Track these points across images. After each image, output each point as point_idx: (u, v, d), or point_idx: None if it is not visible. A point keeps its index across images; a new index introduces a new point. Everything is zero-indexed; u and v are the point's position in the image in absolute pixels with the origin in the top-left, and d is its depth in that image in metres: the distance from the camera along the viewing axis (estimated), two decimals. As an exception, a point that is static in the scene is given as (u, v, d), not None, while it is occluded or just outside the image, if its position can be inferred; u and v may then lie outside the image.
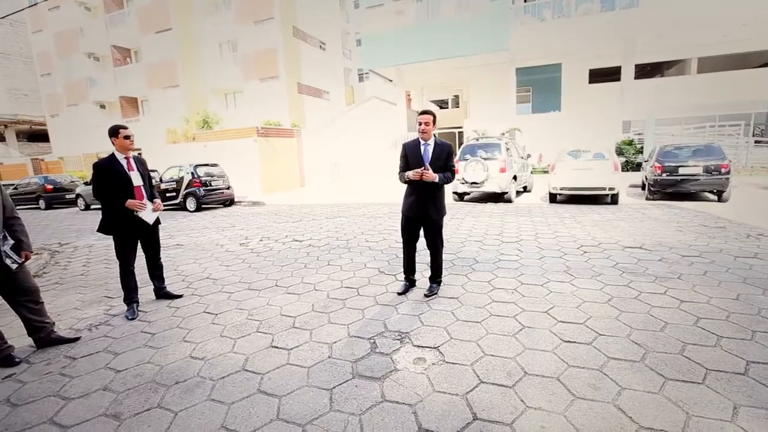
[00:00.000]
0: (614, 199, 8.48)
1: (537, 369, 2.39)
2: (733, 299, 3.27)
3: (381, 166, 18.28)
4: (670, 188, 8.45)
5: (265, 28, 19.02)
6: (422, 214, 3.55)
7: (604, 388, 2.18)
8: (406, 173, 3.44)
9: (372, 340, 2.86)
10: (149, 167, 3.94)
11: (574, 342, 2.69)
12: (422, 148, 3.51)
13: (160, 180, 12.24)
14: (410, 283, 3.89)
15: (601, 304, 3.31)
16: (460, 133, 19.61)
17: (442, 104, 33.96)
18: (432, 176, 3.33)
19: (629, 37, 15.16)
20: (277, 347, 2.84)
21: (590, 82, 19.43)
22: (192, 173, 11.67)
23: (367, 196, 12.33)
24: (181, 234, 7.86)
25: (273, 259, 5.43)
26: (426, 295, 3.63)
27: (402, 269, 4.03)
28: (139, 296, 3.74)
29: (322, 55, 23.37)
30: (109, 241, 5.70)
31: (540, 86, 19.64)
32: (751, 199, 8.52)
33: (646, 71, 20.06)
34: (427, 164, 3.42)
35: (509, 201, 9.65)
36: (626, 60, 15.79)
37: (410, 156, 3.50)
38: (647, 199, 8.96)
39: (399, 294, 3.75)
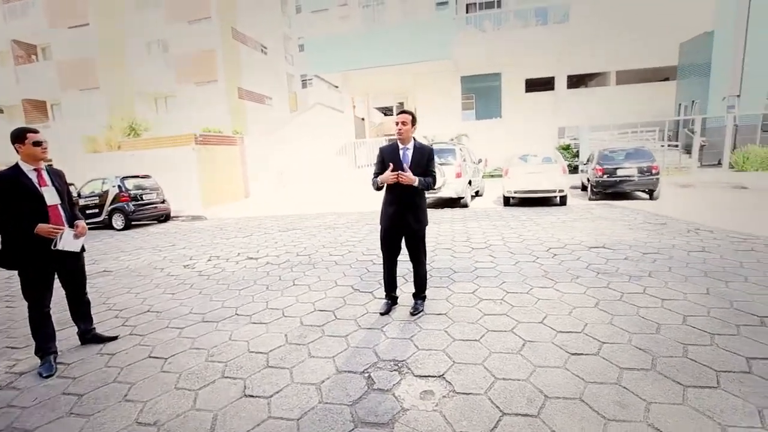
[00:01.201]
0: (563, 201, 8.90)
1: (556, 390, 2.18)
2: (704, 294, 3.39)
3: (329, 174, 17.78)
4: (610, 189, 9.08)
5: (201, 29, 17.70)
6: (403, 224, 3.26)
7: (631, 405, 2.02)
8: (380, 177, 3.14)
9: (366, 374, 2.49)
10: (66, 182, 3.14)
11: (582, 354, 2.55)
12: (401, 152, 3.22)
13: (78, 195, 10.66)
14: (392, 300, 3.56)
15: (590, 308, 3.25)
16: (409, 139, 19.74)
17: (387, 111, 34.28)
18: (410, 178, 3.05)
19: (561, 49, 16.36)
20: (252, 396, 2.35)
21: (527, 91, 20.71)
22: (119, 186, 10.31)
23: (319, 206, 11.79)
24: (108, 257, 6.79)
25: (227, 282, 4.79)
26: (412, 314, 3.33)
27: (381, 286, 3.71)
28: (57, 344, 2.98)
29: (264, 60, 22.36)
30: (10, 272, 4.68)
31: (482, 94, 20.51)
32: (674, 196, 9.43)
33: (572, 82, 21.89)
34: (405, 167, 3.15)
35: (465, 206, 9.74)
36: (559, 71, 17.02)
37: (388, 161, 3.17)
38: (590, 199, 9.55)
39: (382, 314, 3.41)
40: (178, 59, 18.22)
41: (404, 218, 3.23)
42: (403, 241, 3.38)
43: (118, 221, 10.28)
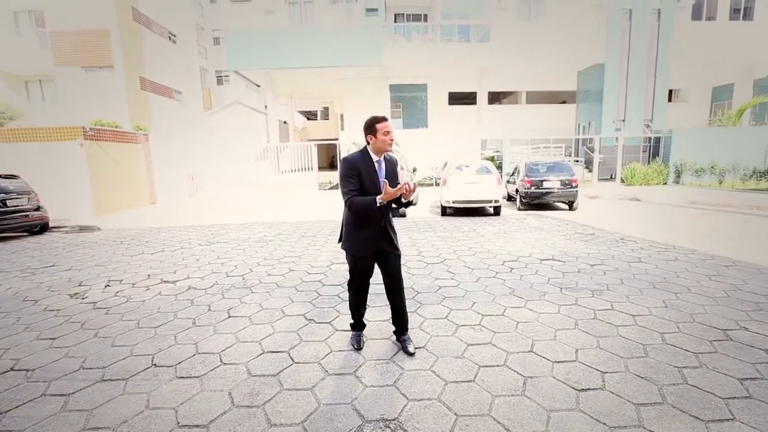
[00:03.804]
0: (497, 211, 9.19)
1: (585, 445, 1.87)
2: (664, 307, 3.49)
3: (249, 180, 16.32)
4: (536, 200, 9.65)
5: (90, 3, 14.91)
6: (381, 249, 2.71)
7: (668, 457, 1.79)
8: (382, 195, 2.45)
9: (354, 448, 1.91)
10: None
11: (589, 389, 2.31)
12: (377, 165, 2.66)
13: None
14: (361, 331, 3.01)
15: (572, 330, 3.09)
16: (338, 144, 19.20)
17: (310, 116, 33.23)
18: (411, 194, 2.52)
19: (482, 66, 17.38)
20: (195, 507, 1.61)
21: (450, 103, 21.69)
22: (-31, 189, 7.93)
23: (242, 215, 10.59)
24: (-51, 286, 4.99)
25: (135, 316, 3.73)
26: (412, 354, 2.78)
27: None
28: None
29: (173, 49, 19.84)
30: None
31: (409, 103, 20.90)
32: (587, 207, 10.42)
33: (490, 98, 23.61)
34: (382, 180, 2.64)
35: (403, 215, 9.54)
36: (480, 87, 18.07)
37: (365, 176, 2.59)
38: (519, 209, 10.06)
39: (357, 350, 2.84)
40: (57, 36, 15.09)
41: (382, 241, 2.70)
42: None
43: (-34, 234, 7.88)
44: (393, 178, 2.69)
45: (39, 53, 15.70)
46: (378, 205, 2.48)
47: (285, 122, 24.62)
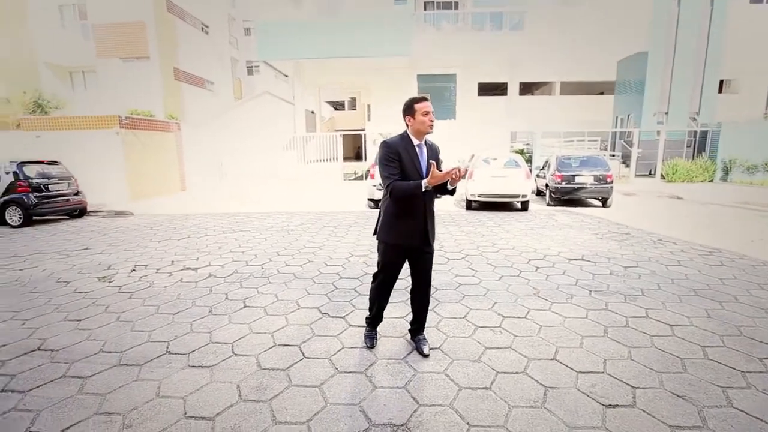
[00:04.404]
0: (525, 206, 8.83)
1: (610, 469, 1.70)
2: (707, 318, 3.18)
3: (275, 169, 16.54)
4: (567, 195, 9.20)
5: (128, -4, 15.43)
6: (422, 240, 2.53)
7: (707, 490, 1.59)
8: (428, 179, 2.26)
9: (358, 454, 1.83)
10: None
11: (617, 405, 2.11)
12: (417, 149, 2.48)
13: (-42, 183, 8.56)
14: (376, 328, 2.92)
15: (601, 338, 2.87)
16: (365, 135, 19.10)
17: (337, 106, 33.26)
18: (459, 179, 2.32)
19: (514, 55, 16.69)
20: (191, 505, 1.58)
21: (479, 94, 21.04)
22: (16, 173, 8.43)
23: (267, 203, 10.73)
24: (-7, 265, 5.31)
25: (155, 302, 3.80)
26: (426, 355, 2.66)
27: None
28: None
29: (205, 40, 20.27)
30: None
31: (437, 94, 20.42)
32: (622, 204, 9.83)
33: (521, 89, 22.73)
34: (424, 169, 2.45)
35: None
36: (512, 77, 17.38)
37: (406, 160, 2.42)
38: (548, 205, 9.63)
39: (369, 348, 2.76)
40: (99, 29, 15.73)
41: (422, 235, 2.52)
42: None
43: (13, 216, 8.39)
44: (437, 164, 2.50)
45: (82, 45, 16.43)
46: (424, 189, 2.31)
47: (312, 112, 24.77)
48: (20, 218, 8.36)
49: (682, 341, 2.80)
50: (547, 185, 9.75)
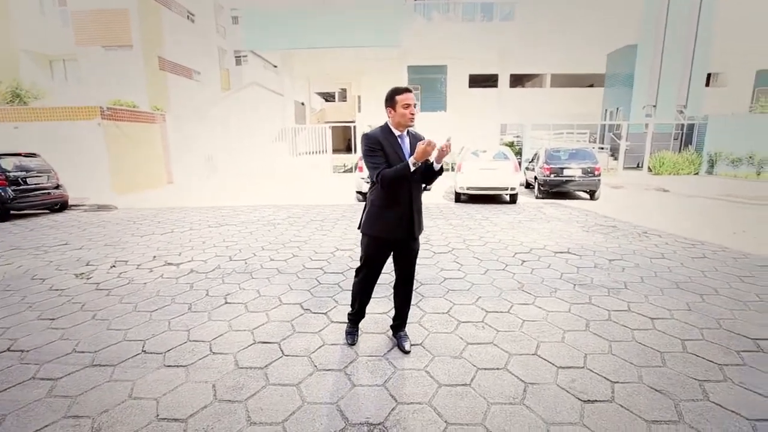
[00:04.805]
0: (513, 199, 8.84)
1: (586, 467, 1.69)
2: (687, 311, 3.20)
3: (265, 162, 16.32)
4: (555, 188, 9.23)
5: (108, -19, 14.89)
6: (408, 232, 2.45)
7: (681, 486, 1.59)
8: (414, 156, 2.19)
9: (333, 455, 1.79)
10: None
11: (596, 401, 2.10)
12: (399, 140, 2.40)
13: (-69, 176, 8.25)
14: (358, 324, 2.88)
15: (582, 332, 2.87)
16: (355, 127, 18.93)
17: (328, 97, 32.88)
18: (446, 154, 2.25)
19: (504, 47, 16.60)
20: None
21: (470, 86, 20.95)
22: (-10, 167, 8.15)
23: (255, 197, 10.58)
24: (-34, 262, 5.13)
25: (134, 299, 3.71)
26: (407, 351, 2.63)
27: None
28: None
29: (191, 29, 19.73)
30: None
31: (428, 86, 20.31)
32: (610, 197, 9.91)
33: (512, 81, 22.69)
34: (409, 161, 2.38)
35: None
36: (502, 69, 17.30)
37: (389, 151, 2.35)
38: (537, 197, 9.66)
39: (350, 345, 2.72)
40: (78, 15, 15.21)
41: (410, 224, 2.44)
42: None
43: (-11, 211, 8.14)
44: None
45: (62, 33, 15.88)
46: (413, 168, 2.23)
47: (302, 104, 24.43)
48: (-3, 213, 8.11)
49: (662, 335, 2.81)
50: (536, 178, 9.76)
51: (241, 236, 6.16)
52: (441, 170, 2.41)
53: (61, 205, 9.29)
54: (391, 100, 2.35)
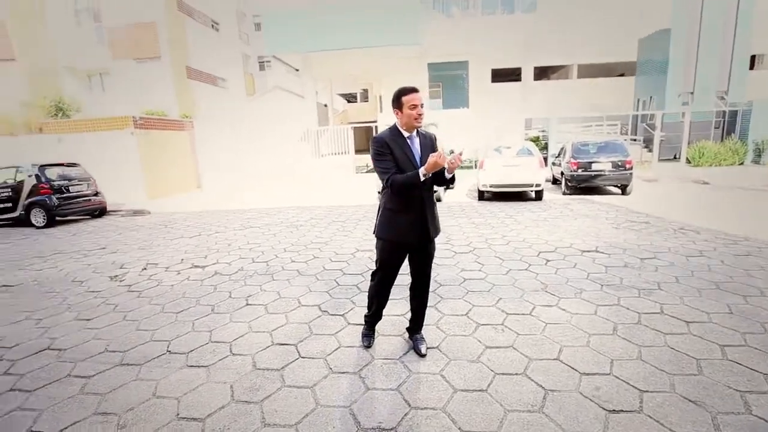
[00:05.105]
0: (539, 195, 8.57)
1: (609, 481, 1.59)
2: (728, 313, 2.98)
3: (289, 164, 16.62)
4: (584, 183, 8.87)
5: (139, -3, 15.64)
6: (422, 236, 2.41)
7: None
8: (425, 167, 2.16)
9: (344, 460, 1.78)
10: None
11: (621, 411, 1.99)
12: (408, 141, 2.36)
13: (-15, 186, 8.96)
14: (374, 328, 2.86)
15: (608, 336, 2.73)
16: (376, 127, 18.94)
17: (350, 98, 33.11)
18: (458, 164, 2.22)
19: (527, 39, 16.13)
20: None
21: (493, 81, 20.49)
22: (37, 176, 8.73)
23: (280, 199, 10.79)
24: (12, 265, 5.52)
25: (161, 301, 3.86)
26: (424, 354, 2.59)
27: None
28: None
29: (216, 37, 20.42)
30: None
31: (449, 82, 20.03)
32: (642, 191, 9.42)
33: (536, 74, 22.01)
34: (419, 163, 2.34)
35: (439, 200, 9.20)
36: (526, 62, 16.82)
37: (398, 153, 2.30)
38: (564, 193, 9.32)
39: (366, 348, 2.71)
40: (112, 31, 16.04)
41: (424, 228, 2.41)
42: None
43: (38, 217, 8.72)
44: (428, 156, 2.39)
45: (97, 48, 16.80)
46: (423, 178, 2.20)
47: (325, 105, 24.72)
48: (44, 219, 8.68)
49: (699, 339, 2.63)
50: (562, 173, 9.42)
51: (265, 238, 6.29)
52: (453, 179, 2.39)
53: (100, 211, 9.84)
54: (397, 102, 2.31)
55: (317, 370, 2.50)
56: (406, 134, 2.36)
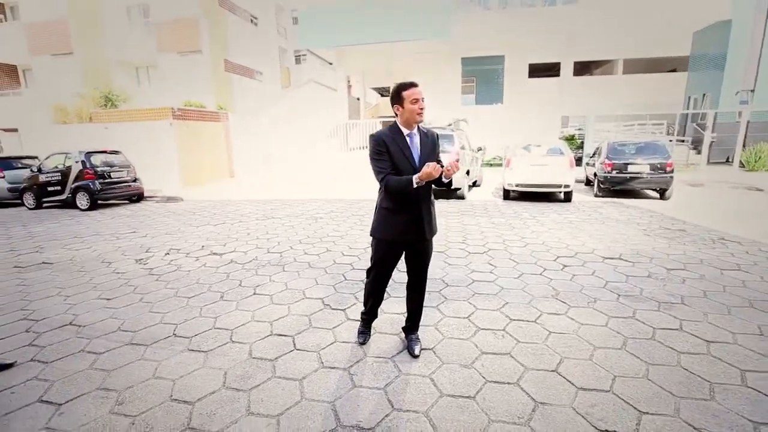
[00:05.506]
0: (567, 197, 8.18)
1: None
2: (758, 335, 2.71)
3: (319, 156, 16.85)
4: (618, 186, 8.37)
5: (183, -9, 16.32)
6: (417, 236, 2.38)
7: None
8: (420, 174, 2.12)
9: (316, 456, 1.78)
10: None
11: (615, 432, 1.86)
12: (408, 139, 2.33)
13: (39, 170, 9.74)
14: (370, 327, 2.85)
15: (616, 351, 2.56)
16: (405, 122, 18.78)
17: (383, 92, 33.02)
18: (454, 172, 2.17)
19: (568, 33, 15.36)
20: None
21: (530, 76, 19.71)
22: (83, 162, 9.38)
23: (306, 190, 10.98)
24: (56, 244, 5.98)
25: (177, 285, 4.04)
26: (416, 356, 2.55)
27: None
28: None
29: (254, 31, 20.97)
30: None
31: (484, 77, 19.51)
32: (685, 196, 8.75)
33: (577, 69, 20.92)
34: (417, 162, 2.29)
35: (462, 198, 9.02)
36: (565, 56, 16.05)
37: (395, 152, 2.27)
38: (596, 195, 8.85)
39: (360, 344, 2.71)
40: (159, 26, 16.87)
41: (419, 227, 2.36)
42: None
43: (82, 200, 9.39)
44: (429, 154, 2.33)
45: (145, 42, 17.73)
46: (415, 186, 2.17)
47: (357, 99, 24.81)
48: (88, 202, 9.33)
49: (717, 362, 2.41)
50: (595, 174, 8.94)
51: (283, 229, 6.42)
52: (450, 184, 2.35)
53: (138, 197, 10.44)
54: (397, 97, 2.26)
55: (309, 363, 2.52)
56: (405, 132, 2.31)
